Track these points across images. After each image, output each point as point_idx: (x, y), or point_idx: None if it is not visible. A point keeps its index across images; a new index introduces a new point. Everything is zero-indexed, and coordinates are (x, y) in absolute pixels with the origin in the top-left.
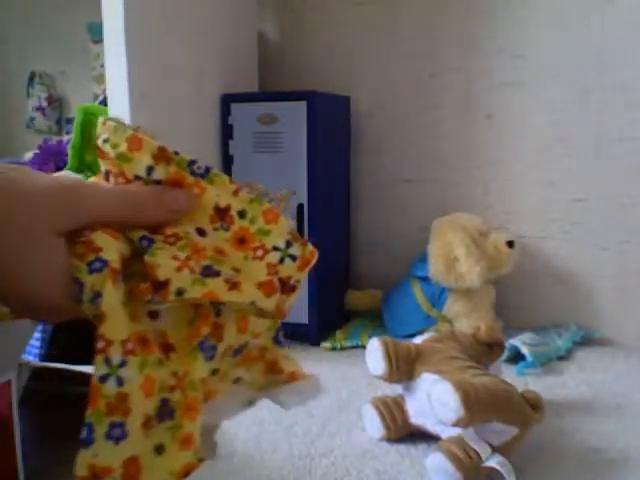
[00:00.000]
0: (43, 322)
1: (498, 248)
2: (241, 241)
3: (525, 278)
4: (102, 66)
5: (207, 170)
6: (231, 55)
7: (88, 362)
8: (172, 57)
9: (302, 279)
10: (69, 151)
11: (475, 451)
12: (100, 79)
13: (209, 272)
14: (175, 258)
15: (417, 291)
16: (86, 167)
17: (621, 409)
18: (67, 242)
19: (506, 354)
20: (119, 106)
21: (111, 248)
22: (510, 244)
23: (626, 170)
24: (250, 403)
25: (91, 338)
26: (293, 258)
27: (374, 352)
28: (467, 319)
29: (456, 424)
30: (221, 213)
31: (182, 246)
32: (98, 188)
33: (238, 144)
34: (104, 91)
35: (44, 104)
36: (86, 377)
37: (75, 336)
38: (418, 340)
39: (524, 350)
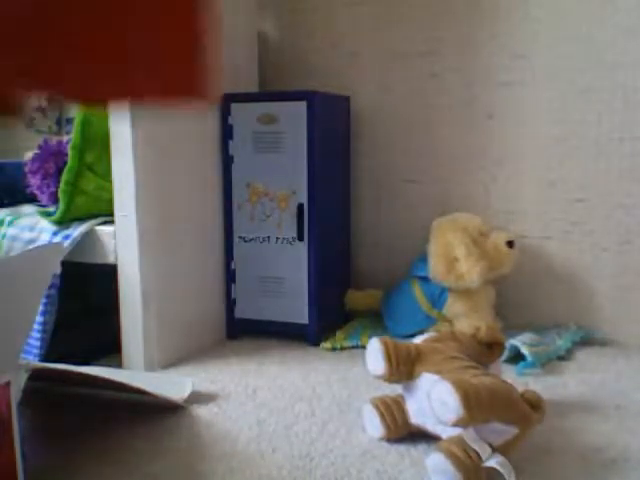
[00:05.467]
0: None
1: (498, 248)
2: None
3: (525, 278)
4: None
5: None
6: (231, 55)
7: (88, 362)
8: None
9: None
10: (69, 151)
11: (475, 451)
12: None
13: None
14: None
15: (417, 291)
16: (86, 167)
17: (621, 409)
18: None
19: (506, 354)
20: (119, 106)
21: None
22: (510, 244)
23: (626, 170)
24: None
25: (91, 338)
26: None
27: (374, 352)
28: (467, 319)
29: (456, 424)
30: None
31: None
32: None
33: (238, 144)
34: None
35: (44, 104)
36: (86, 377)
37: (75, 337)
38: (418, 340)
39: (524, 350)
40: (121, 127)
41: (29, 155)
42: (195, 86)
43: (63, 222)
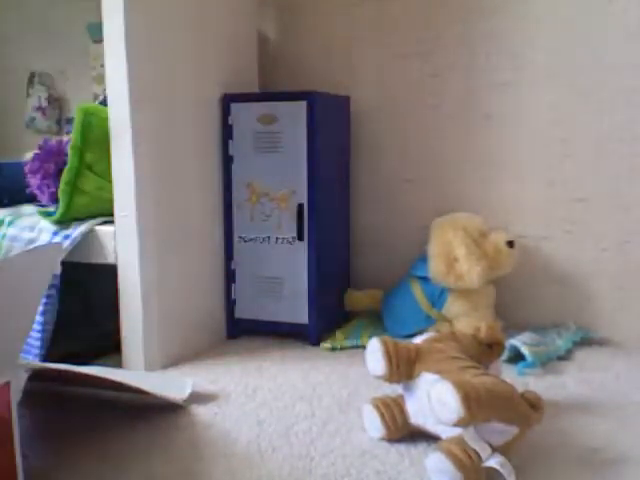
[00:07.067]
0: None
1: (498, 248)
2: None
3: (525, 278)
4: (102, 66)
5: None
6: (231, 55)
7: (88, 362)
8: (172, 57)
9: None
10: (69, 151)
11: (475, 451)
12: (100, 79)
13: None
14: None
15: (417, 291)
16: (86, 167)
17: (621, 409)
18: None
19: (506, 354)
20: (119, 106)
21: None
22: (510, 244)
23: (626, 170)
24: None
25: (91, 338)
26: None
27: (374, 352)
28: (467, 319)
29: (456, 424)
30: None
31: None
32: None
33: (238, 144)
34: (104, 91)
35: (44, 104)
36: (86, 377)
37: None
38: (418, 340)
39: (524, 350)
40: (121, 127)
41: (29, 155)
42: None
43: (63, 222)
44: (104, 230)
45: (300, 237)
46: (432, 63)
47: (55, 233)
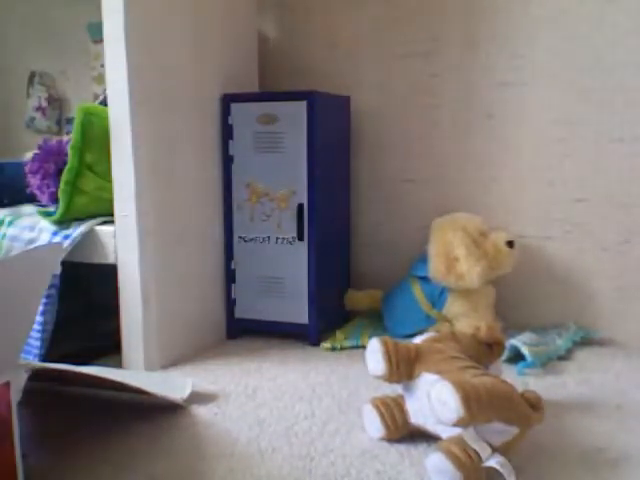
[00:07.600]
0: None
1: (498, 248)
2: None
3: (525, 278)
4: (102, 66)
5: None
6: (231, 55)
7: (88, 362)
8: (172, 57)
9: None
10: (69, 151)
11: (475, 451)
12: (100, 79)
13: None
14: None
15: (417, 291)
16: (86, 167)
17: (621, 409)
18: None
19: (506, 354)
20: (119, 106)
21: None
22: (510, 244)
23: (626, 170)
24: None
25: (91, 338)
26: None
27: (374, 352)
28: (467, 319)
29: (456, 424)
30: None
31: None
32: None
33: (238, 144)
34: (104, 91)
35: (44, 104)
36: (86, 377)
37: (77, 336)
38: (418, 340)
39: (524, 350)
40: (121, 127)
41: (29, 155)
42: None
43: (63, 222)
44: (104, 230)
45: (300, 237)
46: (432, 63)
47: (55, 233)
